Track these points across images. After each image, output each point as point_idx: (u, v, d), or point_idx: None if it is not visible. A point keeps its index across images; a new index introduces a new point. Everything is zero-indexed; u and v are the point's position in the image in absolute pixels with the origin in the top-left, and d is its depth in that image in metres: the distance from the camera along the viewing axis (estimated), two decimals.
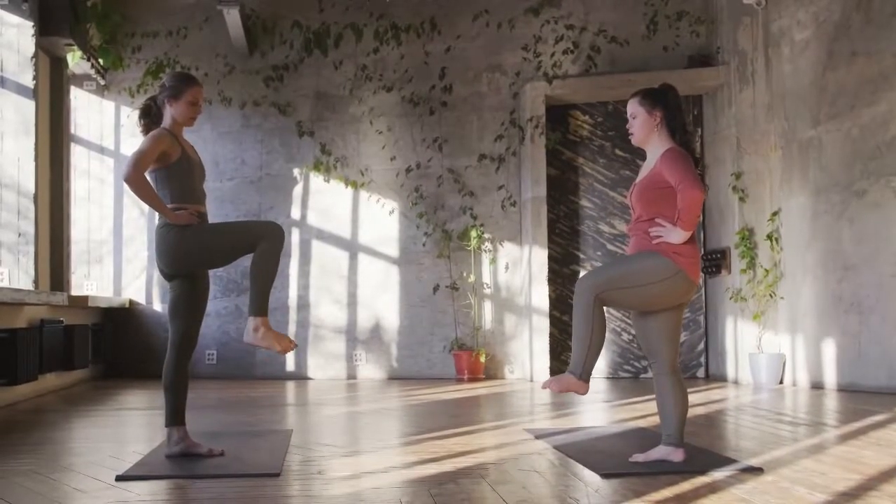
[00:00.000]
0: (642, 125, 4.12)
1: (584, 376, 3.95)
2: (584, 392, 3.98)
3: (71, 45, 8.31)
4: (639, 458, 4.01)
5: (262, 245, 4.13)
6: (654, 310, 4.05)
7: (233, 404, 7.00)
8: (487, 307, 9.44)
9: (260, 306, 4.15)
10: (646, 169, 4.12)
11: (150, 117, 4.41)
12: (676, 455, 3.95)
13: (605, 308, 3.98)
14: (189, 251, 4.18)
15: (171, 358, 4.28)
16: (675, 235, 3.93)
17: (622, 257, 4.04)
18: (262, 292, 4.15)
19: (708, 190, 8.99)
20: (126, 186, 4.23)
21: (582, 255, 9.47)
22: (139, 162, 4.08)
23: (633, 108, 4.15)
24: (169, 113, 4.34)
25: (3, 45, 7.78)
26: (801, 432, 5.13)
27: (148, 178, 4.18)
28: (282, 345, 4.15)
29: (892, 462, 3.99)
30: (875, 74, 7.14)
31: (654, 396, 4.15)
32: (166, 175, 4.23)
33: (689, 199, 3.86)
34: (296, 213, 9.55)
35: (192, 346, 4.33)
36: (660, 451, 4.00)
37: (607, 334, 9.22)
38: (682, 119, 4.13)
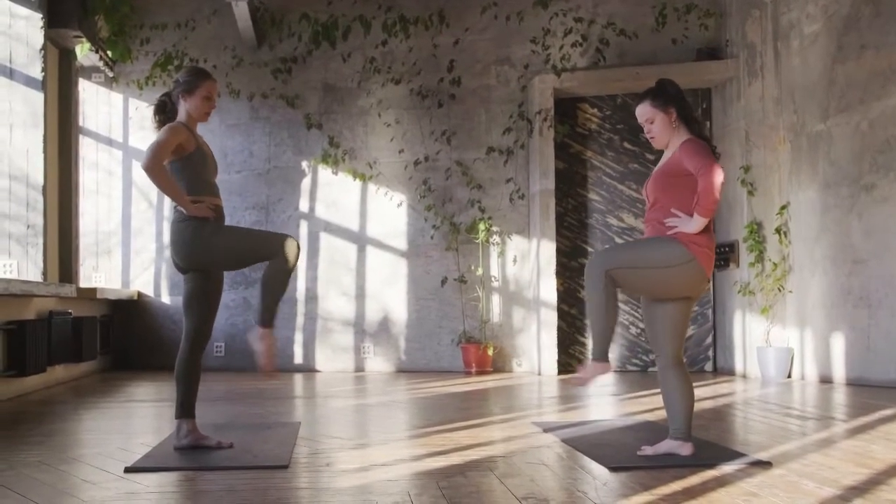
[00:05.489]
0: (663, 127, 4.07)
1: (601, 356, 3.97)
2: (607, 370, 4.01)
3: (79, 36, 8.31)
4: (647, 450, 4.01)
5: (277, 259, 4.13)
6: (662, 297, 4.02)
7: (241, 397, 7.01)
8: (495, 300, 9.44)
9: (268, 318, 4.18)
10: (664, 159, 4.11)
11: (164, 113, 4.42)
12: (684, 449, 3.94)
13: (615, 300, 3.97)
14: (203, 249, 4.19)
15: (184, 350, 4.30)
16: (692, 224, 3.90)
17: (636, 240, 4.03)
18: (272, 305, 4.19)
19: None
20: (140, 177, 4.25)
21: (590, 249, 9.45)
22: (158, 151, 4.09)
23: (648, 112, 4.09)
24: (183, 108, 4.34)
25: (11, 37, 7.79)
26: (810, 426, 5.12)
27: None
28: (267, 361, 4.21)
29: None
30: (885, 68, 7.11)
31: (661, 390, 4.14)
32: (181, 167, 4.24)
33: (708, 182, 3.81)
34: (304, 205, 9.55)
35: (205, 340, 4.36)
36: (667, 445, 4.00)
37: (615, 328, 9.26)
38: (690, 108, 4.12)
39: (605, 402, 6.71)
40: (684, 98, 4.11)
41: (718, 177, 3.82)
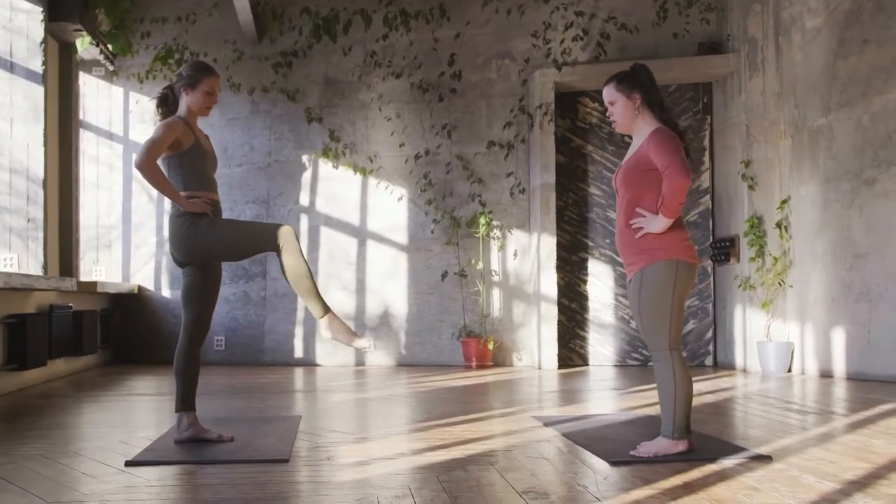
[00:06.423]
0: (623, 111, 4.04)
1: (677, 434, 3.86)
2: (684, 448, 3.85)
3: (80, 30, 8.31)
4: (640, 451, 3.92)
5: (283, 257, 4.13)
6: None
7: (241, 390, 7.01)
8: (496, 294, 9.43)
9: (320, 306, 4.16)
10: (632, 150, 4.06)
11: (167, 106, 4.42)
12: (677, 447, 3.87)
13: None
14: (201, 243, 4.19)
15: (183, 343, 4.30)
16: (657, 224, 3.86)
17: (635, 297, 3.97)
18: (313, 293, 4.16)
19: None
20: (137, 174, 4.24)
21: (590, 243, 9.45)
22: (151, 150, 4.09)
23: (611, 95, 4.06)
24: (185, 102, 4.34)
25: (12, 31, 7.78)
26: (810, 421, 5.12)
27: (160, 165, 4.19)
28: (352, 339, 4.15)
29: None
30: (887, 62, 7.10)
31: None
32: (178, 162, 4.24)
33: (674, 185, 3.78)
34: (304, 199, 9.54)
35: (204, 333, 4.37)
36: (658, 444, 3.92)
37: (616, 322, 9.27)
38: (658, 96, 4.05)
39: (605, 396, 6.71)
40: (654, 85, 4.05)
41: (685, 179, 3.77)
